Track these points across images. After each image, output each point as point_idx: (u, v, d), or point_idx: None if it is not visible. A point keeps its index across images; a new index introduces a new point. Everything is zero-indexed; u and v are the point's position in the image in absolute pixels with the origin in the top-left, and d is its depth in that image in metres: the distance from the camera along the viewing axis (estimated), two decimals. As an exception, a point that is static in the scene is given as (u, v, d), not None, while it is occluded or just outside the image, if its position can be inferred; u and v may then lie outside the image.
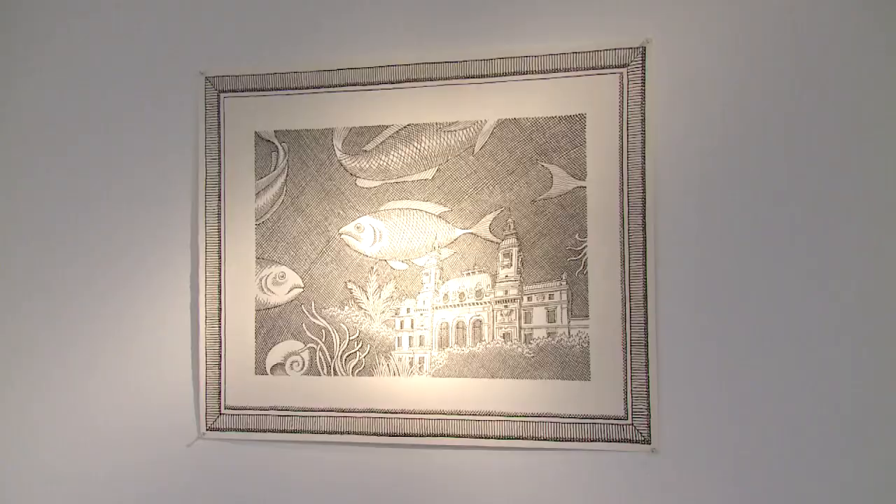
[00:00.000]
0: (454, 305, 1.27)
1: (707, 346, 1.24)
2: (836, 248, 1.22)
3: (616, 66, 1.24)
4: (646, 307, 1.23)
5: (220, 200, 1.36)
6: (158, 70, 1.40)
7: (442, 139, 1.28)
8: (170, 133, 1.39)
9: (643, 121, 1.23)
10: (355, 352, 1.30)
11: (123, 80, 1.42)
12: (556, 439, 1.24)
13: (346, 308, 1.31)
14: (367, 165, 1.30)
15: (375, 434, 1.29)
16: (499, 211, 1.26)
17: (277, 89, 1.34)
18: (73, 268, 1.42)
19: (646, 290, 1.23)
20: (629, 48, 1.23)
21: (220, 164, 1.36)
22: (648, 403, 1.23)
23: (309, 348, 1.32)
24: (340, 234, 1.31)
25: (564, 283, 1.24)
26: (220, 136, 1.36)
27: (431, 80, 1.28)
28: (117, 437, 1.40)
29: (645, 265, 1.23)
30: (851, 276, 1.21)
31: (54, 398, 1.43)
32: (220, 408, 1.35)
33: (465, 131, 1.27)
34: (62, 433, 1.42)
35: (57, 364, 1.43)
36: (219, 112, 1.35)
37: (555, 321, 1.24)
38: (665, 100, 1.24)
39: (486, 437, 1.26)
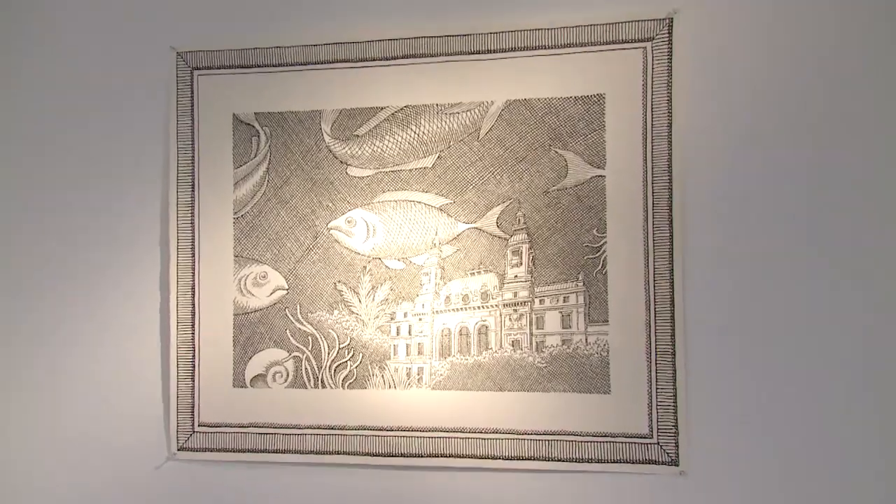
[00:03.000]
0: (457, 309, 1.19)
1: (742, 355, 1.16)
2: (888, 239, 1.13)
3: (639, 41, 1.16)
4: (672, 311, 1.14)
5: (193, 191, 1.27)
6: (123, 45, 1.32)
7: (443, 123, 1.20)
8: (136, 116, 1.31)
9: (669, 101, 1.15)
10: (346, 361, 1.22)
11: (83, 56, 1.34)
12: (572, 460, 1.16)
13: (336, 312, 1.22)
14: (360, 152, 1.22)
15: (368, 454, 1.20)
16: (507, 203, 1.18)
17: (258, 66, 1.25)
18: (29, 268, 1.35)
19: (672, 292, 1.14)
20: (654, 20, 1.15)
21: (193, 150, 1.27)
22: (676, 420, 1.14)
23: (294, 357, 1.24)
24: (329, 230, 1.23)
25: (581, 284, 1.16)
26: (193, 119, 1.27)
27: (432, 56, 1.20)
28: (77, 458, 1.32)
29: (671, 264, 1.14)
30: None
31: (6, 411, 1.35)
32: (193, 425, 1.26)
33: (469, 114, 1.20)
34: (16, 452, 1.35)
35: (9, 375, 1.36)
36: (192, 92, 1.27)
37: (570, 327, 1.16)
38: (694, 78, 1.16)
39: (492, 458, 1.18)
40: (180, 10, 1.29)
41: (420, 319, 1.20)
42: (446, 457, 1.18)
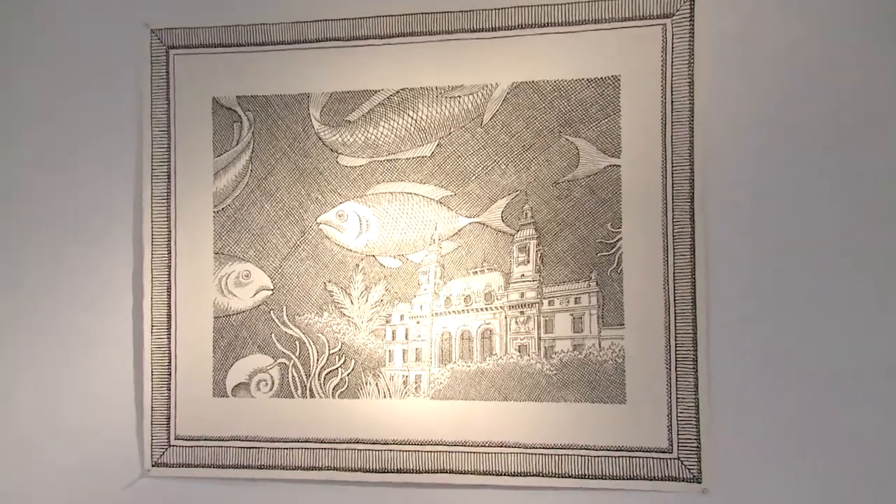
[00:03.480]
0: (458, 311, 1.16)
1: (770, 361, 1.11)
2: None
3: (658, 17, 1.11)
4: (694, 313, 1.10)
5: (169, 182, 1.22)
6: (92, 22, 1.26)
7: (443, 107, 1.16)
8: (107, 100, 1.25)
9: (691, 83, 1.10)
10: (337, 368, 1.18)
11: (49, 35, 1.27)
12: (584, 476, 1.12)
13: (326, 315, 1.18)
14: (352, 139, 1.18)
15: (362, 470, 1.16)
16: (513, 195, 1.14)
17: (240, 45, 1.20)
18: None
19: (694, 292, 1.10)
20: (674, -6, 1.10)
21: (169, 137, 1.22)
22: (698, 432, 1.09)
23: (279, 364, 1.20)
24: (318, 224, 1.19)
25: (594, 283, 1.12)
26: (169, 103, 1.22)
27: (430, 34, 1.16)
28: (42, 474, 1.26)
29: (693, 261, 1.10)
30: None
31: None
32: (169, 438, 1.21)
33: (471, 98, 1.16)
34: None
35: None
36: (168, 73, 1.22)
37: (582, 331, 1.12)
38: (718, 58, 1.11)
39: (498, 474, 1.14)
40: (155, -16, 1.26)
41: (418, 322, 1.17)
42: (447, 473, 1.14)
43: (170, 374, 1.22)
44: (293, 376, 1.20)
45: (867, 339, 1.10)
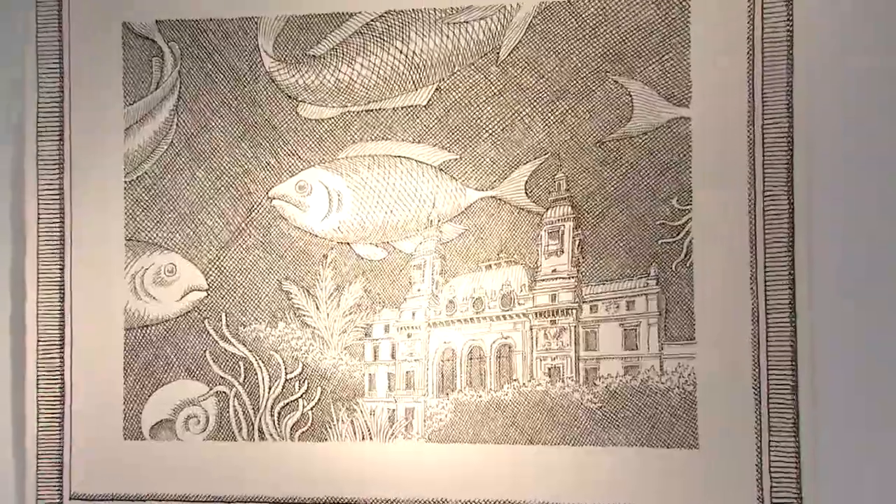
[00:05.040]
0: (465, 320, 1.05)
1: None
2: None
3: None
4: (793, 323, 0.95)
5: (60, 142, 1.08)
6: None
7: (444, 38, 1.04)
8: None
9: (790, 4, 0.95)
10: (296, 400, 1.06)
11: None
12: None
13: (282, 325, 1.07)
14: (317, 82, 1.06)
15: None
16: (541, 160, 1.03)
17: None
18: None
19: (793, 294, 0.96)
20: None
21: (61, 78, 1.08)
22: (799, 490, 0.95)
23: (217, 394, 1.07)
24: (271, 200, 1.07)
25: (654, 282, 1.00)
26: (61, 32, 1.08)
27: None
28: None
29: (791, 250, 0.96)
30: None
31: None
32: (62, 496, 1.07)
33: (483, 24, 1.03)
34: None
35: None
36: None
37: (637, 347, 1.01)
38: None
39: None
40: None
41: (409, 336, 1.05)
42: (449, 545, 1.03)
43: (63, 408, 1.08)
44: (236, 411, 1.07)
45: None
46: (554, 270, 1.01)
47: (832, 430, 0.96)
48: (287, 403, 1.04)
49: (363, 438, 1.02)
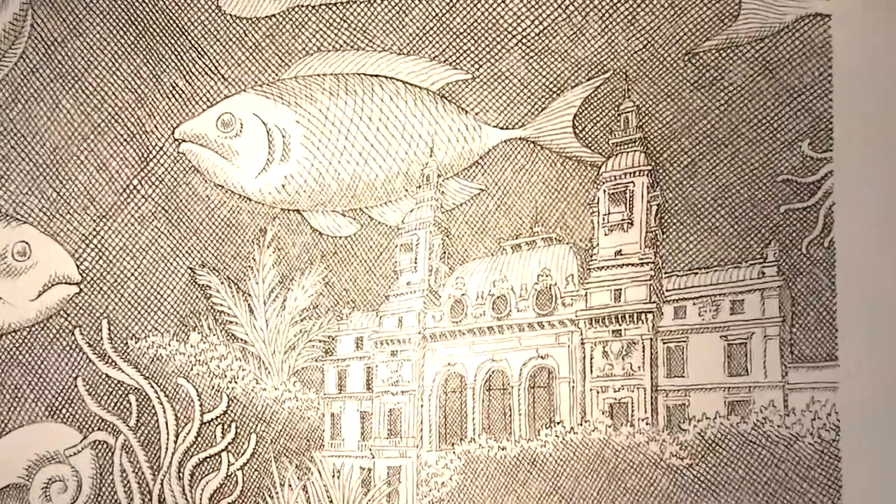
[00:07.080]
0: (481, 330, 0.84)
1: None
2: None
3: None
4: None
5: None
6: None
7: None
8: None
9: None
10: (218, 454, 0.84)
11: None
12: None
13: (196, 337, 0.86)
14: None
15: None
16: (599, 80, 0.81)
17: None
18: None
19: None
20: None
21: None
22: None
23: (95, 445, 0.87)
24: (178, 143, 0.86)
25: (773, 270, 0.76)
26: None
27: None
28: None
29: None
30: None
31: None
32: None
33: None
34: None
35: None
36: None
37: (747, 372, 0.77)
38: None
39: None
40: None
41: (394, 354, 0.88)
42: None
43: None
44: (124, 472, 0.86)
45: None
46: (619, 253, 0.79)
47: None
48: (204, 460, 0.84)
49: (322, 513, 0.80)
